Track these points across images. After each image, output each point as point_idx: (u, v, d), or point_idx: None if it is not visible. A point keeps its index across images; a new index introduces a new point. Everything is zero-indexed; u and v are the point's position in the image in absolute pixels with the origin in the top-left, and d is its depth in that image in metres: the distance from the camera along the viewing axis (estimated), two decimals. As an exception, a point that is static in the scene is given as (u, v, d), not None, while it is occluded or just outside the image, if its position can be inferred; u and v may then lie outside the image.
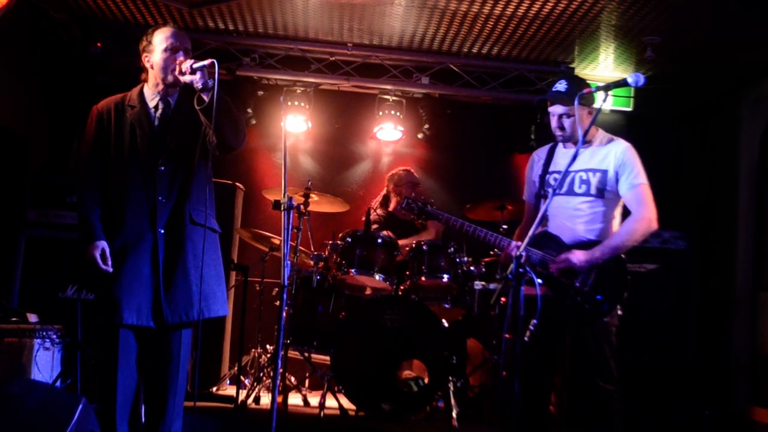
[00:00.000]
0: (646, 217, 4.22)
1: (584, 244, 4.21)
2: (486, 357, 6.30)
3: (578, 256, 4.14)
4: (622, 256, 4.21)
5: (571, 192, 4.32)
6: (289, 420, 5.53)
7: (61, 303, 5.66)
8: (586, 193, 4.30)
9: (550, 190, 4.34)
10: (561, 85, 4.30)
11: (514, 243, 4.29)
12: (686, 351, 6.64)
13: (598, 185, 4.28)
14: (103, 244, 3.87)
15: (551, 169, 4.44)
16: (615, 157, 4.29)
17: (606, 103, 3.83)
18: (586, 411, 4.23)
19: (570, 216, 4.32)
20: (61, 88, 7.42)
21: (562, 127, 4.34)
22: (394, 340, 5.69)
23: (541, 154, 4.59)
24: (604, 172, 4.29)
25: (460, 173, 8.39)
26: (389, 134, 8.28)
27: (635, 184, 4.24)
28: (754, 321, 6.90)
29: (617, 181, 4.28)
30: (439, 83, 8.07)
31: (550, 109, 4.38)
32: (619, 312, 4.21)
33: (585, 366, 4.18)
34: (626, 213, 4.35)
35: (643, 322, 6.52)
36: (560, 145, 4.50)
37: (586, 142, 4.33)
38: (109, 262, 3.85)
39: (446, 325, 5.93)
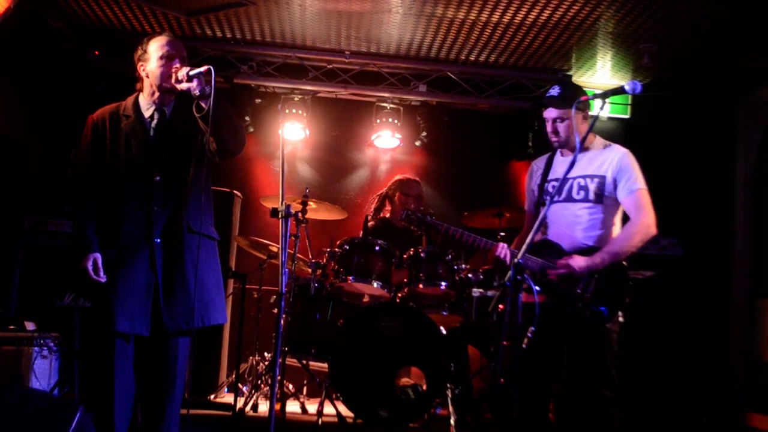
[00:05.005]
0: (644, 222, 4.21)
1: (584, 251, 4.21)
2: (484, 364, 6.29)
3: (578, 262, 4.13)
4: (623, 262, 4.21)
5: (569, 199, 4.33)
6: (287, 428, 5.52)
7: (59, 311, 5.66)
8: (585, 199, 4.30)
9: (548, 198, 4.35)
10: (554, 90, 4.33)
11: (501, 245, 4.30)
12: (684, 357, 6.65)
13: (596, 191, 4.28)
14: (96, 255, 3.89)
15: (550, 177, 4.45)
16: (613, 162, 4.29)
17: (603, 110, 3.85)
18: (585, 418, 4.23)
19: (569, 223, 4.32)
20: (58, 97, 7.42)
21: (556, 132, 4.35)
22: (392, 347, 5.69)
23: (539, 163, 4.60)
24: (602, 178, 4.29)
25: (458, 181, 8.39)
26: (387, 142, 8.29)
27: (634, 189, 4.24)
28: (752, 327, 6.91)
29: (615, 186, 4.28)
30: (436, 91, 8.08)
31: (544, 114, 4.39)
32: (621, 319, 4.21)
33: (586, 373, 4.17)
34: (626, 219, 4.36)
35: (641, 328, 6.53)
36: (558, 153, 4.51)
37: (584, 149, 4.34)
38: (101, 273, 3.87)
39: (444, 332, 5.93)
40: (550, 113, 4.35)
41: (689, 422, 6.55)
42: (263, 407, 6.08)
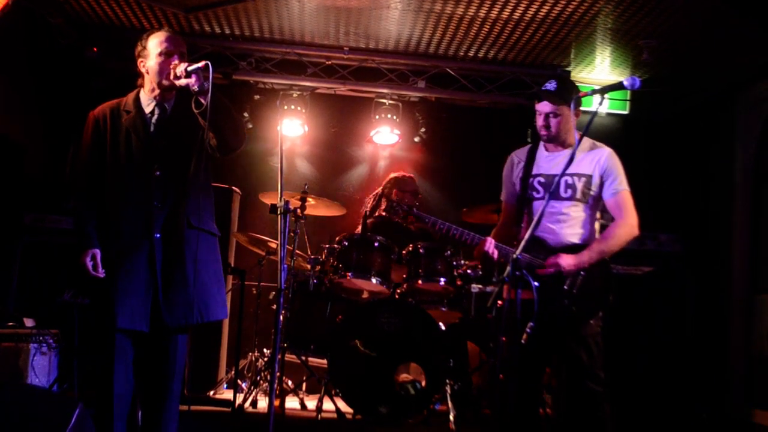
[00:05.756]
0: (629, 223, 4.27)
1: (569, 248, 4.23)
2: (483, 360, 6.30)
3: (567, 260, 4.16)
4: (607, 260, 4.24)
5: (556, 196, 4.33)
6: (286, 424, 5.52)
7: (58, 307, 5.66)
8: (572, 198, 4.31)
9: (536, 194, 4.35)
10: (551, 85, 4.33)
11: (488, 240, 4.30)
12: (682, 353, 6.64)
13: (583, 189, 4.30)
14: (95, 251, 3.88)
15: (534, 172, 4.43)
16: (600, 162, 4.32)
17: (602, 106, 3.85)
18: (576, 413, 4.24)
19: (555, 220, 4.33)
20: (57, 94, 7.41)
21: (547, 126, 4.35)
22: (391, 343, 5.69)
23: (520, 155, 4.58)
24: (590, 177, 4.31)
25: (457, 177, 8.39)
26: (386, 138, 8.29)
27: (619, 190, 4.29)
28: (751, 323, 6.91)
29: (601, 186, 4.31)
30: (435, 87, 8.09)
31: (538, 106, 4.39)
32: (600, 314, 4.25)
33: (573, 369, 4.20)
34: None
35: (640, 324, 6.53)
36: (541, 147, 4.50)
37: (569, 146, 4.35)
38: (100, 269, 3.86)
39: (443, 328, 5.94)
40: (543, 107, 4.36)
41: (689, 419, 6.55)
42: (262, 403, 6.09)
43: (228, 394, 6.43)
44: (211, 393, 6.59)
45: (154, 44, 3.99)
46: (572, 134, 4.34)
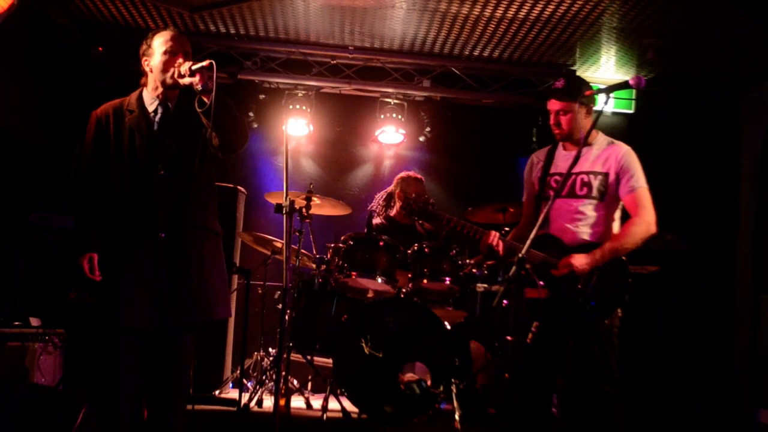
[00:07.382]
0: (645, 220, 4.22)
1: (584, 246, 4.21)
2: (488, 359, 6.29)
3: (580, 260, 4.13)
4: (624, 258, 4.21)
5: (572, 194, 4.32)
6: (291, 423, 5.52)
7: (64, 307, 5.66)
8: (588, 196, 4.29)
9: (552, 193, 4.34)
10: (559, 83, 4.34)
11: (493, 233, 4.30)
12: (687, 353, 6.64)
13: (599, 187, 4.28)
14: (93, 255, 3.92)
15: (552, 171, 4.43)
16: (616, 159, 4.29)
17: (607, 105, 3.84)
18: (589, 413, 4.23)
19: (571, 218, 4.31)
20: (62, 93, 7.41)
21: (558, 124, 4.35)
22: (397, 342, 5.68)
23: (540, 156, 4.59)
24: (606, 175, 4.29)
25: (462, 176, 8.39)
26: (391, 137, 8.29)
27: (635, 187, 4.25)
28: (756, 323, 6.90)
29: (618, 183, 4.28)
30: (440, 86, 8.09)
31: (548, 105, 4.40)
32: (620, 314, 4.22)
33: (587, 368, 4.17)
34: (625, 215, 4.36)
35: (645, 324, 6.52)
36: (559, 147, 4.50)
37: (587, 144, 4.33)
38: (97, 272, 3.90)
39: (448, 327, 5.93)
40: (553, 105, 4.37)
41: (693, 418, 6.54)
42: (268, 403, 6.09)
43: (233, 394, 6.44)
44: (217, 392, 6.60)
45: (160, 43, 4.00)
46: (591, 132, 4.30)
